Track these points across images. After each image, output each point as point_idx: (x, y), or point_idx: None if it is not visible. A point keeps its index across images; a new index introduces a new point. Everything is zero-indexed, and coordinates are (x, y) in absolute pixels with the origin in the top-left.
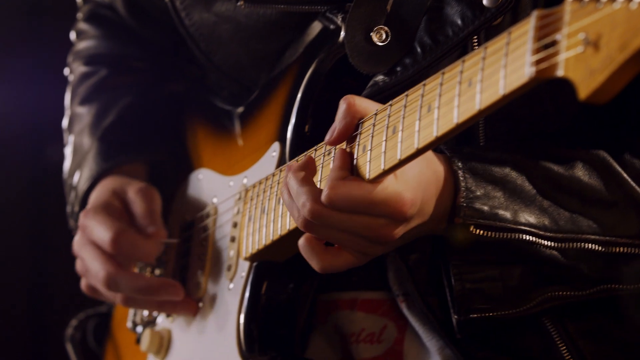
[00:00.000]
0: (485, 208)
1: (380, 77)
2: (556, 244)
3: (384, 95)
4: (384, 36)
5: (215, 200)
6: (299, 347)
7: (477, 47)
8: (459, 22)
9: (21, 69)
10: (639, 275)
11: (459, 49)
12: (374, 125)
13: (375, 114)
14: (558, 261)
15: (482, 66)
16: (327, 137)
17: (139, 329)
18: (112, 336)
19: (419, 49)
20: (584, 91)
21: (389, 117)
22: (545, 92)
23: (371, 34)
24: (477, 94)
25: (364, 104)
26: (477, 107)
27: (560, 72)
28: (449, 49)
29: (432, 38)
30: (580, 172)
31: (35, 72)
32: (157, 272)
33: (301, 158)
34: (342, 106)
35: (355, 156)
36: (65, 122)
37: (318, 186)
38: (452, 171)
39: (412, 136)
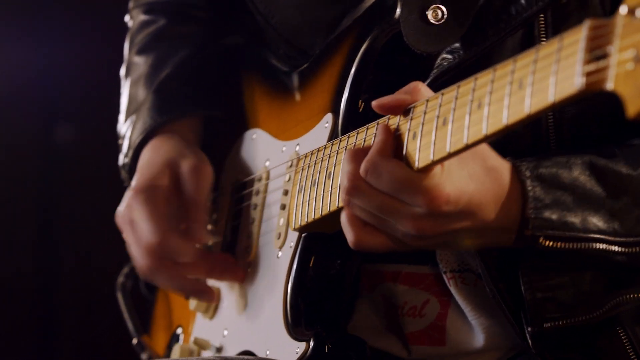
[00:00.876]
0: (555, 217)
1: (445, 57)
2: (626, 249)
3: (450, 76)
4: (439, 15)
5: (267, 164)
6: (344, 318)
7: (543, 27)
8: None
9: (26, 42)
10: None
11: (524, 28)
12: (425, 113)
13: (427, 101)
14: (628, 265)
15: (533, 69)
16: (375, 102)
17: None
18: None
19: (481, 27)
20: (632, 108)
21: (440, 106)
22: None
23: (427, 12)
24: (526, 97)
25: (427, 93)
26: (527, 110)
27: (609, 86)
28: (513, 28)
29: (495, 16)
30: None
31: (42, 44)
32: (209, 227)
33: (354, 134)
34: (409, 85)
35: (405, 142)
36: (122, 70)
37: None
38: (519, 180)
39: (462, 130)
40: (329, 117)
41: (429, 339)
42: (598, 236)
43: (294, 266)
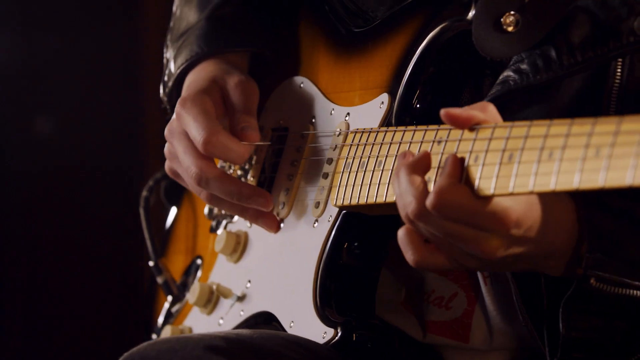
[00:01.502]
0: (608, 261)
1: (510, 75)
2: None
3: (513, 96)
4: (513, 24)
5: (313, 121)
6: (374, 304)
7: (619, 70)
8: (600, 39)
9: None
10: None
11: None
12: (490, 140)
13: (494, 128)
14: None
15: (613, 142)
16: (444, 111)
17: (215, 222)
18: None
19: (553, 53)
20: None
21: (507, 139)
22: None
23: (501, 18)
24: (602, 169)
25: (496, 116)
26: (601, 183)
27: None
28: (587, 65)
29: (570, 45)
30: None
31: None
32: (240, 173)
33: (411, 131)
34: (480, 103)
35: (466, 163)
36: None
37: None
38: (578, 216)
39: (528, 176)
40: (385, 97)
41: (452, 333)
42: None
43: (329, 244)
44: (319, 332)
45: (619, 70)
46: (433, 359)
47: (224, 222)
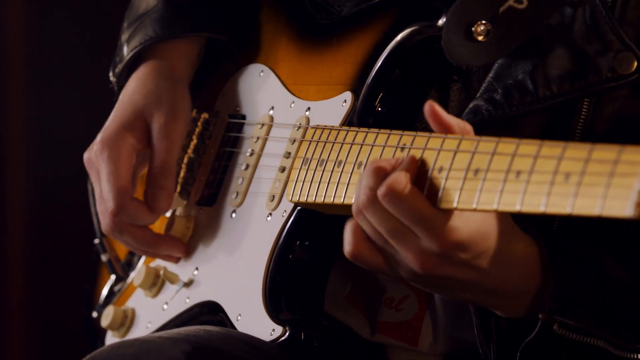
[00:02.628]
0: (572, 308)
1: (483, 105)
2: (627, 354)
3: (484, 127)
4: (484, 33)
5: (272, 112)
6: (322, 302)
7: (586, 107)
8: (579, 73)
9: None
10: None
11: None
12: (456, 153)
13: (461, 140)
14: None
15: (583, 169)
16: (431, 105)
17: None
18: None
19: (530, 85)
20: None
21: (473, 154)
22: None
23: (473, 27)
24: (571, 196)
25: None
26: (569, 210)
27: None
28: (562, 100)
29: (547, 77)
30: None
31: None
32: (193, 156)
33: (374, 134)
34: (463, 122)
35: (429, 172)
36: None
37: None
38: (542, 260)
39: (494, 193)
40: (347, 95)
41: (401, 336)
42: (606, 335)
43: (282, 239)
44: (267, 329)
45: (585, 107)
46: (378, 358)
47: (169, 212)
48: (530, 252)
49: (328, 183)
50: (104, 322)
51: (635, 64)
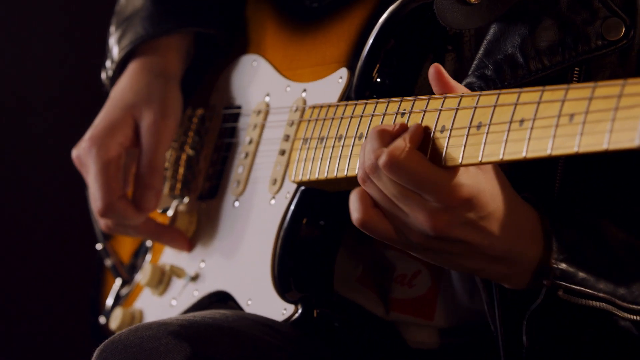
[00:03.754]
0: (575, 273)
1: (475, 82)
2: (631, 316)
3: None
4: None
5: (268, 99)
6: (332, 280)
7: (576, 77)
8: (568, 43)
9: None
10: None
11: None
12: (457, 110)
13: (461, 97)
14: (631, 333)
15: (587, 108)
16: (436, 67)
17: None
18: None
19: (520, 59)
20: None
21: (475, 109)
22: None
23: None
24: (577, 135)
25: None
26: (575, 149)
27: None
28: (554, 71)
29: (537, 50)
30: None
31: None
32: (192, 153)
33: (373, 103)
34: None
35: (432, 133)
36: None
37: None
38: (543, 227)
39: (499, 143)
40: (343, 72)
41: (416, 311)
42: (609, 297)
43: (287, 218)
44: (278, 309)
45: (575, 75)
46: (392, 336)
47: (175, 203)
48: (532, 219)
49: (330, 158)
50: (113, 324)
51: (624, 29)
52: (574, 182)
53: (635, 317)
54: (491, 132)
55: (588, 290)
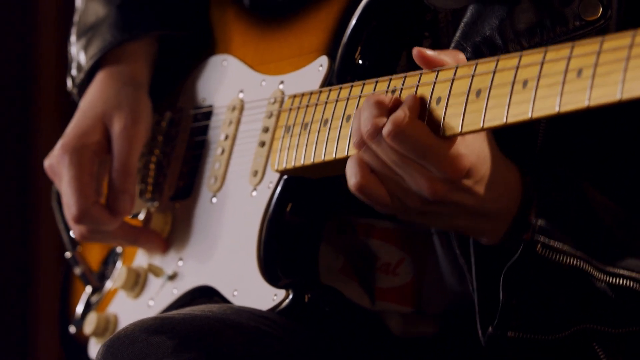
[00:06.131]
0: (554, 229)
1: (468, 54)
2: (608, 278)
3: None
4: None
5: (241, 95)
6: (317, 267)
7: None
8: (546, 25)
9: None
10: None
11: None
12: (453, 80)
13: (457, 68)
14: (607, 295)
15: (595, 61)
16: (418, 50)
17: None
18: None
19: (499, 41)
20: None
21: (472, 77)
22: None
23: None
24: (587, 88)
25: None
26: (586, 102)
27: None
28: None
29: (516, 32)
30: None
31: None
32: (161, 154)
33: (359, 85)
34: (451, 51)
35: (427, 105)
36: None
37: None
38: (523, 182)
39: (502, 108)
40: (323, 59)
41: (400, 299)
42: (586, 257)
43: (272, 207)
44: (268, 296)
45: None
46: (376, 326)
47: (143, 212)
48: (515, 175)
49: (316, 143)
50: (88, 328)
51: (601, 9)
52: (555, 142)
53: (611, 280)
54: (492, 96)
55: (566, 248)
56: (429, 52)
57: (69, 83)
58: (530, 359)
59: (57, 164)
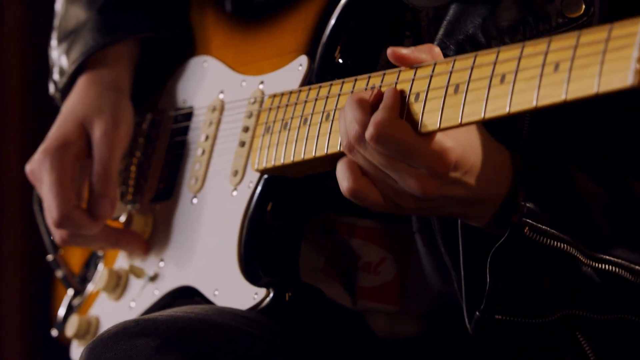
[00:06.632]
0: (542, 212)
1: (451, 52)
2: (594, 264)
3: None
4: None
5: (222, 96)
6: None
7: None
8: (529, 22)
9: None
10: None
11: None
12: (431, 77)
13: (435, 64)
14: (593, 281)
15: (572, 55)
16: (392, 49)
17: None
18: None
19: (482, 39)
20: None
21: (451, 73)
22: None
23: None
24: (565, 81)
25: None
26: (563, 96)
27: None
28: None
29: (499, 30)
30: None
31: None
32: (141, 156)
33: (338, 84)
34: (426, 45)
35: (406, 101)
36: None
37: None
38: (513, 166)
39: (480, 102)
40: (303, 59)
41: (383, 298)
42: (573, 241)
43: (252, 207)
44: (249, 295)
45: None
46: (359, 325)
47: (124, 214)
48: (505, 159)
49: (296, 142)
50: (69, 331)
51: (583, 6)
52: (541, 129)
53: (597, 265)
54: (470, 90)
55: (553, 231)
56: (404, 50)
57: (51, 88)
58: (515, 350)
59: (38, 168)
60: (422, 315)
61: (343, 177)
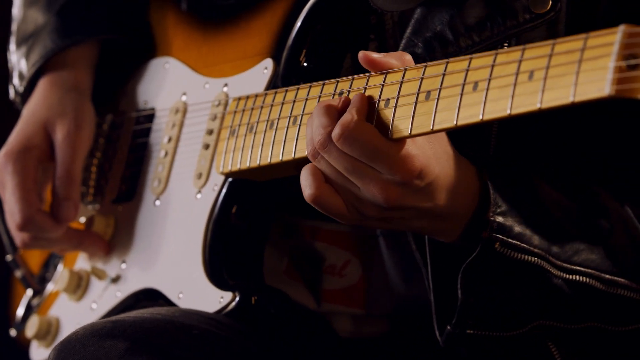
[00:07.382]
0: (511, 227)
1: (419, 50)
2: (564, 275)
3: None
4: None
5: (184, 98)
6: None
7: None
8: (496, 19)
9: None
10: (629, 319)
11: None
12: (401, 83)
13: (405, 70)
14: (563, 291)
15: (547, 64)
16: (363, 53)
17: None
18: None
19: (450, 36)
20: None
21: (422, 79)
22: None
23: None
24: (539, 91)
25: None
26: (538, 105)
27: None
28: (484, 46)
29: (467, 27)
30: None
31: None
32: (101, 157)
33: (305, 88)
34: (397, 53)
35: (376, 106)
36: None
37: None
38: (480, 181)
39: (452, 110)
40: (268, 62)
41: (347, 300)
42: (543, 253)
43: (217, 210)
44: (215, 298)
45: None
46: (324, 327)
47: (89, 210)
48: (471, 174)
49: (262, 145)
50: (30, 332)
51: (550, 2)
52: (508, 141)
53: (567, 276)
54: (442, 97)
55: (524, 245)
56: (375, 55)
57: (11, 92)
58: (483, 354)
59: (1, 172)
60: (387, 316)
61: (306, 183)
